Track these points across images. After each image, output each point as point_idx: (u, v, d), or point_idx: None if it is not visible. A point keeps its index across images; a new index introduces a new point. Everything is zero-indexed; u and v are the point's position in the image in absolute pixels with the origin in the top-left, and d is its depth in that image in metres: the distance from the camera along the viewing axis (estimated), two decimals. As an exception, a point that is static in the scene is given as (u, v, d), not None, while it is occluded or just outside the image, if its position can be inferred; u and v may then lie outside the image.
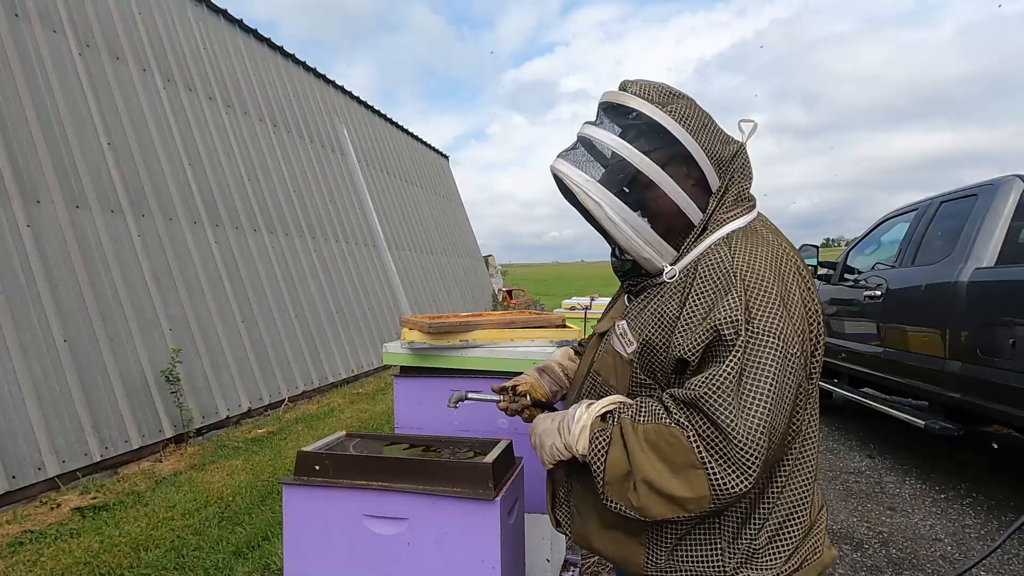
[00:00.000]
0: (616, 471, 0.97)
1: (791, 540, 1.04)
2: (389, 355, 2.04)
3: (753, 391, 0.91)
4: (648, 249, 1.06)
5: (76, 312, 4.63)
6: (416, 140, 15.75)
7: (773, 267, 0.97)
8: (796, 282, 0.99)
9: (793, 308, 0.95)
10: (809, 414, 1.05)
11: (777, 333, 0.92)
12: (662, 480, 0.93)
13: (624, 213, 1.04)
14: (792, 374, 0.93)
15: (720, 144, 1.07)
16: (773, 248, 1.01)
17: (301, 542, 1.38)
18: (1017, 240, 3.57)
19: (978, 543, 3.16)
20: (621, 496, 0.97)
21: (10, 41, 4.84)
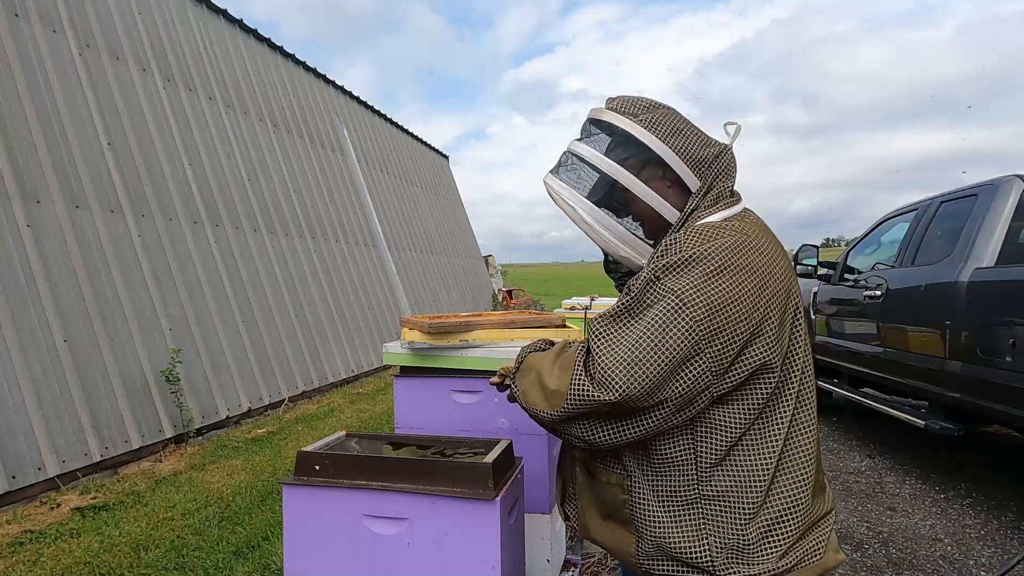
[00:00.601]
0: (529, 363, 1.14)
1: (785, 538, 1.05)
2: (389, 355, 2.04)
3: (629, 327, 0.99)
4: (624, 248, 1.14)
5: (76, 312, 4.63)
6: (416, 140, 15.75)
7: (719, 250, 1.00)
8: (744, 268, 1.00)
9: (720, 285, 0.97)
10: (792, 409, 1.07)
11: (677, 292, 0.97)
12: (547, 375, 1.07)
13: (596, 215, 1.13)
14: (680, 331, 0.95)
15: (698, 147, 1.13)
16: (734, 237, 1.03)
17: (301, 542, 1.38)
18: (1017, 240, 3.57)
19: (978, 543, 3.17)
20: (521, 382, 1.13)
21: (10, 41, 4.84)
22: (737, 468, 1.05)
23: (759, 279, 1.01)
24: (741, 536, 1.04)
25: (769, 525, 1.05)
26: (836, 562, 1.13)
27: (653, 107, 1.15)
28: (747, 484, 1.05)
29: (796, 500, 1.07)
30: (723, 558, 1.04)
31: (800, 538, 1.08)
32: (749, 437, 1.06)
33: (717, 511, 1.05)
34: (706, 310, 0.96)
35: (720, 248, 1.00)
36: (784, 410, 1.06)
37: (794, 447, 1.08)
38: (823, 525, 1.13)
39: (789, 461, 1.07)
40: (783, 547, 1.05)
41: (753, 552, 1.04)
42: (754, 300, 1.00)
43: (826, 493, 1.18)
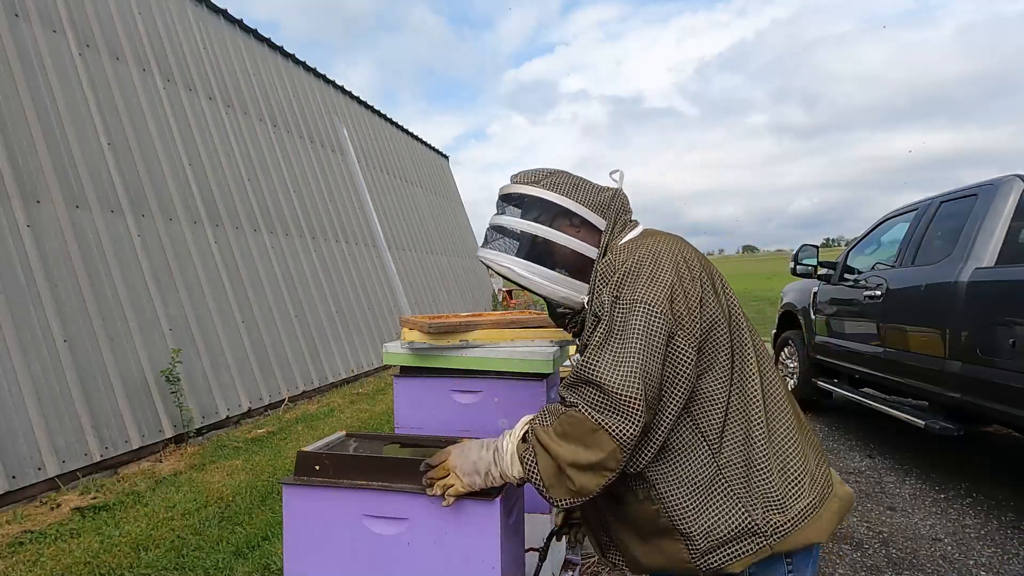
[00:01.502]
0: (549, 473, 1.11)
1: (801, 477, 1.17)
2: (389, 355, 2.04)
3: (622, 346, 1.08)
4: (562, 289, 1.28)
5: (76, 312, 4.63)
6: (416, 140, 15.75)
7: (648, 255, 1.17)
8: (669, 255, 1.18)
9: (663, 275, 1.14)
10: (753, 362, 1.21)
11: (640, 299, 1.11)
12: (579, 456, 1.07)
13: (531, 268, 1.28)
14: (659, 327, 1.09)
15: (594, 194, 1.32)
16: (650, 243, 1.22)
17: (301, 542, 1.38)
18: (1017, 240, 3.57)
19: (978, 543, 3.17)
20: (564, 491, 1.10)
21: (10, 41, 4.84)
22: (739, 428, 1.15)
23: (685, 260, 1.19)
24: (767, 485, 1.14)
25: (783, 467, 1.16)
26: (848, 494, 1.26)
27: (550, 173, 1.36)
28: (753, 438, 1.15)
29: (790, 439, 1.20)
30: (762, 513, 1.12)
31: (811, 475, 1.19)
32: (736, 395, 1.17)
33: (738, 474, 1.13)
34: (667, 300, 1.11)
35: (646, 252, 1.18)
36: (750, 361, 1.20)
37: (772, 394, 1.22)
38: (822, 459, 1.27)
39: (773, 406, 1.21)
40: (804, 484, 1.17)
41: (783, 497, 1.14)
42: (690, 276, 1.17)
43: (813, 433, 1.31)
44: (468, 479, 1.23)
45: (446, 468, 1.26)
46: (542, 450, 1.12)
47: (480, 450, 1.24)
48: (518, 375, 1.89)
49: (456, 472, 1.24)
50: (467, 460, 1.24)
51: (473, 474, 1.22)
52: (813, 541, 1.15)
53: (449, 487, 1.25)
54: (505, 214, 1.36)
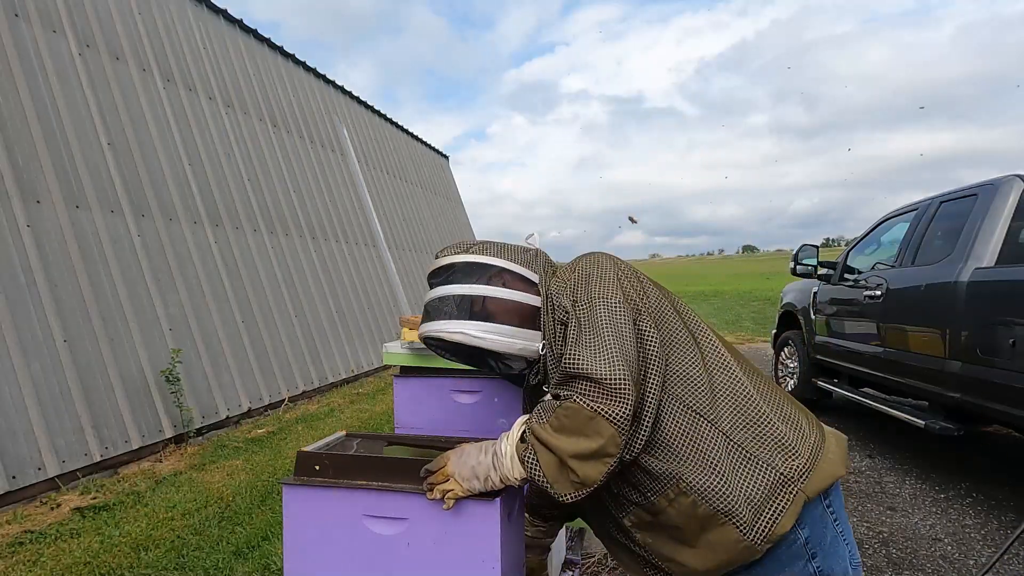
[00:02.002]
0: (552, 469, 1.12)
1: (795, 417, 1.27)
2: (389, 355, 2.04)
3: (596, 337, 1.14)
4: (518, 341, 1.30)
5: (76, 312, 4.63)
6: (416, 140, 15.75)
7: (588, 264, 1.30)
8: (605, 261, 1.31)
9: (608, 279, 1.25)
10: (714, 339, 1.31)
11: (597, 293, 1.21)
12: (580, 446, 1.09)
13: (483, 327, 1.30)
14: (622, 314, 1.18)
15: (520, 253, 1.40)
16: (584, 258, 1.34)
17: (301, 542, 1.38)
18: (1017, 240, 3.57)
19: (978, 543, 3.17)
20: (568, 484, 1.12)
21: (10, 41, 4.84)
22: (727, 392, 1.23)
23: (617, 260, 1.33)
24: (777, 437, 1.20)
25: (781, 415, 1.25)
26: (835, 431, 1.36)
27: (476, 242, 1.43)
28: (742, 396, 1.23)
29: (771, 389, 1.30)
30: (782, 462, 1.18)
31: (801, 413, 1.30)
32: (710, 364, 1.25)
33: (745, 434, 1.19)
34: (619, 291, 1.23)
35: (586, 262, 1.31)
36: (709, 336, 1.31)
37: (736, 356, 1.31)
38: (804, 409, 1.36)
39: (745, 366, 1.31)
40: (802, 425, 1.26)
41: (794, 441, 1.21)
42: (624, 268, 1.30)
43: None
44: (467, 484, 1.23)
45: (445, 474, 1.25)
46: (542, 447, 1.13)
47: (479, 454, 1.24)
48: (518, 375, 1.88)
49: (455, 478, 1.24)
50: (466, 465, 1.23)
51: (472, 479, 1.22)
52: (837, 475, 1.22)
53: (448, 491, 1.25)
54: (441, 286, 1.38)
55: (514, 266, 1.37)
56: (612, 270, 1.27)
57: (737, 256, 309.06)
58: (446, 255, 1.41)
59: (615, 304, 1.19)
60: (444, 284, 1.37)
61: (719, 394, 1.21)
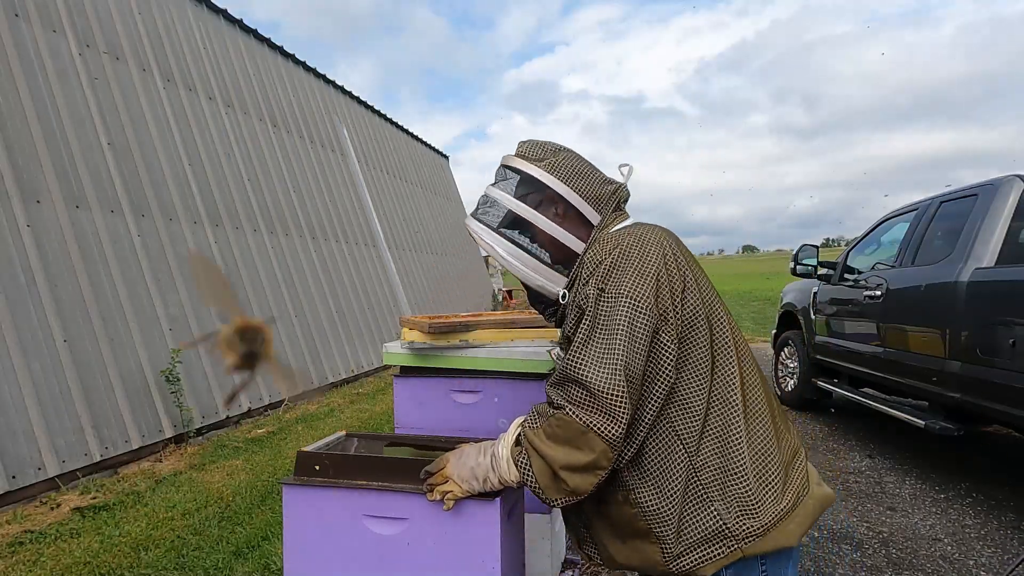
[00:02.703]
0: (544, 477, 1.11)
1: (776, 481, 1.15)
2: (389, 355, 2.04)
3: (607, 342, 1.07)
4: (539, 278, 1.25)
5: (76, 312, 4.63)
6: (416, 140, 15.75)
7: (635, 244, 1.15)
8: (655, 246, 1.15)
9: (650, 267, 1.12)
10: (735, 359, 1.18)
11: (626, 293, 1.09)
12: (572, 458, 1.08)
13: (512, 250, 1.25)
14: (644, 323, 1.08)
15: (597, 186, 1.27)
16: (637, 232, 1.19)
17: (301, 542, 1.38)
18: (1017, 240, 3.57)
19: (978, 543, 3.17)
20: (559, 492, 1.11)
21: (10, 41, 4.84)
22: (717, 432, 1.14)
23: (672, 251, 1.17)
24: (743, 490, 1.12)
25: (759, 472, 1.14)
26: (826, 494, 1.23)
27: (557, 151, 1.29)
28: (731, 443, 1.13)
29: (768, 443, 1.17)
30: (735, 518, 1.11)
31: (785, 479, 1.17)
32: (715, 399, 1.15)
33: (712, 478, 1.12)
34: (653, 293, 1.10)
35: (634, 241, 1.16)
36: (731, 363, 1.17)
37: (751, 398, 1.19)
38: (798, 462, 1.23)
39: (752, 410, 1.18)
40: (777, 490, 1.14)
41: (756, 503, 1.12)
42: (675, 267, 1.15)
43: (793, 432, 1.27)
44: (467, 485, 1.23)
45: (444, 475, 1.26)
46: (535, 454, 1.12)
47: (478, 456, 1.23)
48: (518, 375, 1.89)
49: (455, 479, 1.24)
50: (465, 467, 1.24)
51: (472, 480, 1.23)
52: (783, 546, 1.14)
53: (448, 493, 1.25)
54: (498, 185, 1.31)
55: (578, 200, 1.25)
56: (657, 264, 1.13)
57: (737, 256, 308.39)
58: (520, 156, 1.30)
59: (641, 307, 1.08)
60: (502, 187, 1.30)
61: (709, 431, 1.14)
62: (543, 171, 1.26)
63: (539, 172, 1.26)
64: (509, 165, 1.31)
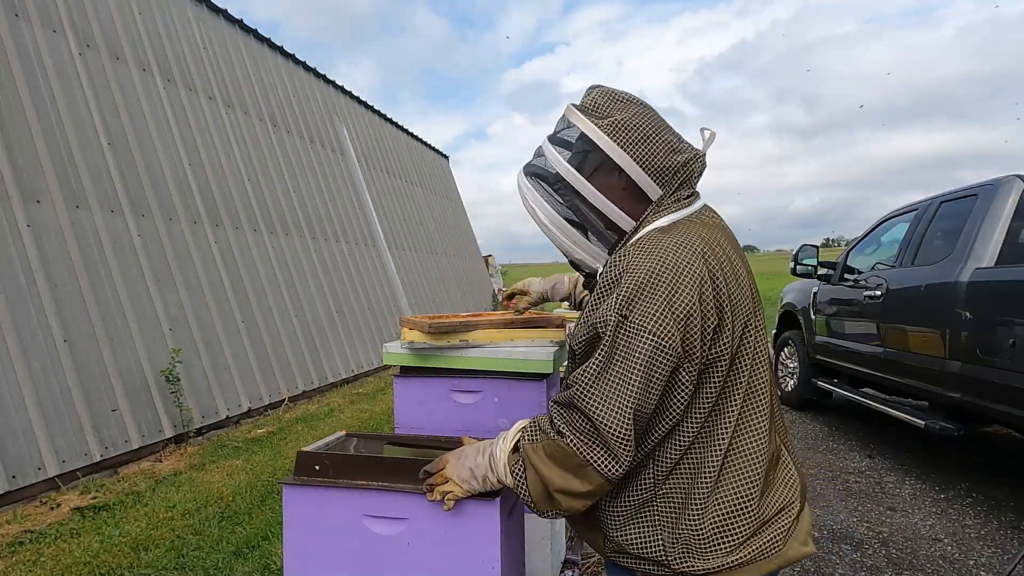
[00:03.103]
0: (538, 493, 1.09)
1: (738, 534, 1.07)
2: (389, 355, 2.04)
3: (620, 379, 0.99)
4: (578, 251, 1.15)
5: (76, 312, 4.63)
6: (416, 140, 15.75)
7: (668, 262, 1.00)
8: (695, 272, 1.01)
9: (682, 301, 0.99)
10: (740, 403, 1.08)
11: (651, 329, 0.98)
12: (568, 484, 1.05)
13: (554, 218, 1.14)
14: (664, 364, 0.99)
15: (665, 155, 1.10)
16: (674, 241, 1.03)
17: (301, 542, 1.38)
18: (1017, 240, 3.57)
19: (978, 543, 3.17)
20: (550, 507, 1.09)
21: (10, 41, 4.84)
22: (685, 468, 1.08)
23: (711, 281, 1.02)
24: (693, 532, 1.07)
25: (722, 520, 1.06)
26: (801, 555, 1.14)
27: (626, 105, 1.12)
28: (694, 481, 1.07)
29: (748, 495, 1.07)
30: (676, 552, 1.08)
31: (754, 534, 1.08)
32: (699, 436, 1.08)
33: (667, 509, 1.09)
34: (679, 333, 0.98)
35: (667, 262, 1.00)
36: (732, 407, 1.07)
37: (743, 443, 1.08)
38: (784, 517, 1.12)
39: (738, 457, 1.08)
40: (736, 542, 1.07)
41: (707, 547, 1.07)
42: (714, 300, 1.02)
43: (791, 484, 1.16)
44: (466, 485, 1.22)
45: (444, 475, 1.25)
46: (532, 470, 1.09)
47: (476, 456, 1.22)
48: (518, 375, 1.88)
49: (454, 479, 1.24)
50: (464, 467, 1.23)
51: (471, 480, 1.22)
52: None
53: (448, 493, 1.25)
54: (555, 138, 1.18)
55: (638, 172, 1.09)
56: (690, 298, 0.99)
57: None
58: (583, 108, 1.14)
59: (665, 348, 0.97)
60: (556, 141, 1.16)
61: (683, 465, 1.08)
62: (600, 131, 1.09)
63: (595, 132, 1.10)
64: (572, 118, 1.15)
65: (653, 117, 1.12)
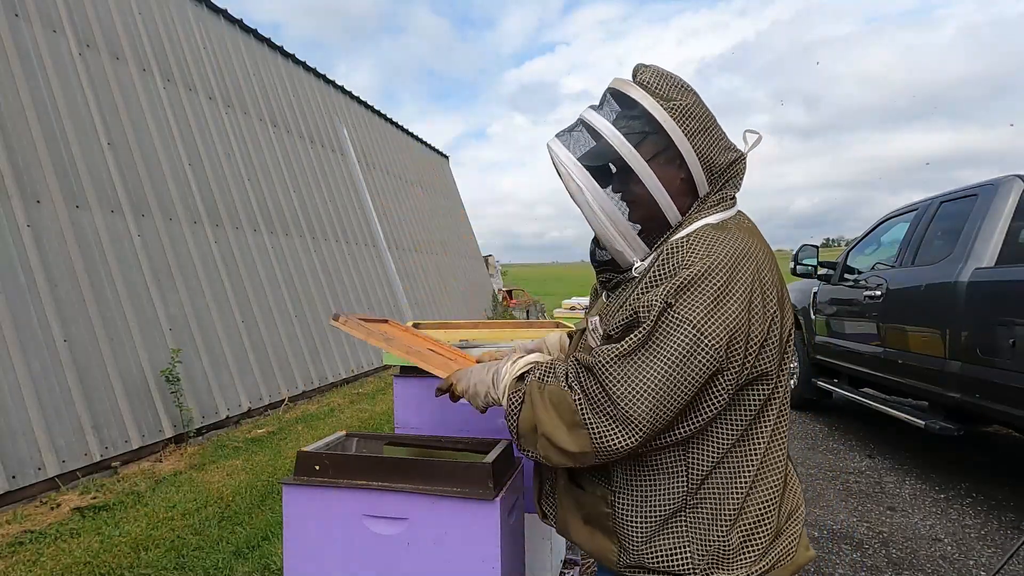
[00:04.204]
0: (526, 427, 1.07)
1: (762, 542, 1.06)
2: (389, 355, 2.04)
3: (649, 365, 0.94)
4: (621, 241, 1.07)
5: (76, 312, 4.63)
6: (416, 140, 15.75)
7: (725, 267, 0.96)
8: (748, 280, 0.97)
9: (732, 304, 0.95)
10: (775, 415, 1.07)
11: (694, 321, 0.93)
12: (557, 435, 1.02)
13: (603, 201, 1.05)
14: (701, 363, 0.93)
15: (718, 151, 1.06)
16: (732, 243, 1.00)
17: (301, 542, 1.38)
18: (1017, 240, 3.57)
19: (978, 543, 3.17)
20: (531, 446, 1.07)
21: (10, 41, 4.84)
22: (722, 478, 1.05)
23: (761, 290, 0.99)
24: (722, 543, 1.04)
25: (748, 531, 1.05)
26: (807, 559, 1.14)
27: (685, 91, 1.06)
28: (728, 492, 1.04)
29: (771, 505, 1.07)
30: (703, 564, 1.04)
31: (773, 540, 1.08)
32: (738, 446, 1.05)
33: (699, 520, 1.05)
34: (725, 335, 0.94)
35: (724, 262, 0.97)
36: (769, 418, 1.06)
37: (773, 454, 1.08)
38: (793, 524, 1.12)
39: (767, 468, 1.07)
40: (760, 550, 1.06)
41: (734, 558, 1.05)
42: (761, 313, 0.98)
43: (795, 490, 1.17)
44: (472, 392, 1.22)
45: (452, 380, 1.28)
46: (529, 405, 1.06)
47: (482, 372, 1.22)
48: (518, 375, 1.88)
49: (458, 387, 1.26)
50: (470, 381, 1.24)
51: (475, 395, 1.22)
52: None
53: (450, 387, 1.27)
54: (604, 113, 1.08)
55: (698, 167, 1.05)
56: (743, 300, 0.95)
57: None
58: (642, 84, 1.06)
59: (706, 346, 0.93)
60: (609, 119, 1.06)
61: (718, 473, 1.05)
62: (667, 115, 1.03)
63: (663, 115, 1.02)
64: (625, 93, 1.06)
65: (707, 108, 1.08)
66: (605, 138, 1.05)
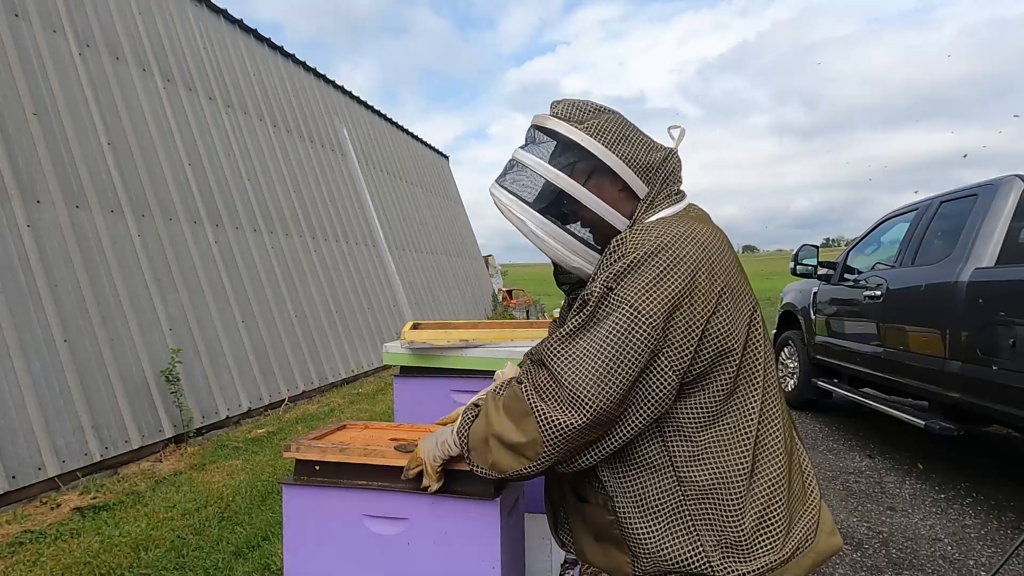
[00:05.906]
0: (477, 437, 1.08)
1: (777, 528, 1.05)
2: (389, 355, 2.04)
3: (589, 343, 0.97)
4: (576, 259, 1.12)
5: (76, 312, 4.63)
6: (416, 140, 15.75)
7: (666, 250, 1.00)
8: (692, 258, 1.00)
9: (671, 282, 0.98)
10: (760, 396, 1.07)
11: (631, 301, 0.97)
12: (505, 432, 1.02)
13: (546, 227, 1.11)
14: (640, 338, 0.96)
15: (645, 153, 1.12)
16: (677, 232, 1.03)
17: (301, 542, 1.38)
18: (1017, 240, 3.57)
19: (978, 543, 3.17)
20: (481, 459, 1.07)
21: (10, 41, 4.83)
22: (715, 462, 1.04)
23: (707, 269, 1.01)
24: (736, 530, 1.03)
25: (760, 515, 1.04)
26: (831, 547, 1.12)
27: (599, 112, 1.14)
28: (729, 476, 1.03)
29: (779, 487, 1.06)
30: (720, 557, 1.02)
31: (789, 528, 1.07)
32: (721, 428, 1.04)
33: (704, 510, 1.03)
34: (661, 313, 0.97)
35: (663, 245, 1.00)
36: (753, 397, 1.06)
37: (768, 437, 1.08)
38: (810, 510, 1.12)
39: (766, 451, 1.07)
40: (776, 538, 1.04)
41: (752, 545, 1.03)
42: (705, 291, 1.00)
43: (808, 476, 1.16)
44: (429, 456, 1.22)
45: (416, 457, 1.27)
46: (483, 416, 1.09)
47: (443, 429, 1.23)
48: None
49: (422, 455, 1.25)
50: (434, 440, 1.24)
51: (434, 450, 1.22)
52: None
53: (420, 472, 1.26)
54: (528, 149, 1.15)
55: (625, 171, 1.10)
56: (683, 282, 0.98)
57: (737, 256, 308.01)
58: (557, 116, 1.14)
59: (643, 323, 0.96)
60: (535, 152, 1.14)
61: (708, 459, 1.04)
62: (584, 134, 1.10)
63: (580, 136, 1.10)
64: (543, 126, 1.15)
65: (625, 120, 1.15)
66: (538, 172, 1.12)
